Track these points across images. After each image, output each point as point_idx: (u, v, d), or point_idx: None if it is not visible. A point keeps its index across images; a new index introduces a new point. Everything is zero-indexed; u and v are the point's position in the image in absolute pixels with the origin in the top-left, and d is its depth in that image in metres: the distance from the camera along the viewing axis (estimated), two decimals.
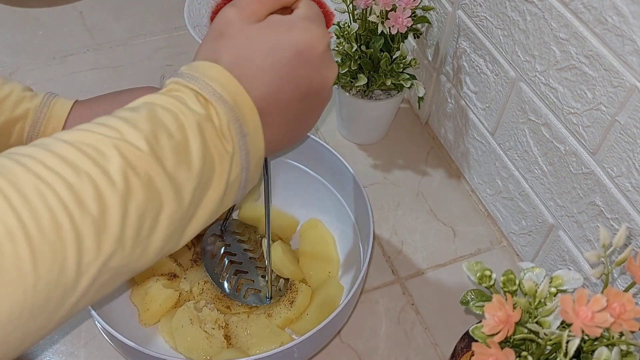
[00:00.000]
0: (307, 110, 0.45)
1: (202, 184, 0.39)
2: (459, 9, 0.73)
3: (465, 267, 0.49)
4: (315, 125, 0.88)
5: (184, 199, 0.38)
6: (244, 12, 0.43)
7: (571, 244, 0.66)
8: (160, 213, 0.36)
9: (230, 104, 0.40)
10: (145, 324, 0.66)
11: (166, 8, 1.04)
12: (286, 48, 0.42)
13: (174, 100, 0.39)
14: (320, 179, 0.73)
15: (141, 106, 0.39)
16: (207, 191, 0.39)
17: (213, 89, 0.40)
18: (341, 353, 0.68)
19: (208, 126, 0.39)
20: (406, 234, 0.78)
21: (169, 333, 0.65)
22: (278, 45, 0.42)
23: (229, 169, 0.40)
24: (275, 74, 0.42)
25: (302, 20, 0.43)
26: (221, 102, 0.40)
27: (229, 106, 0.40)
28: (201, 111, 0.39)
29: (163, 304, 0.66)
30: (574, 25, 0.56)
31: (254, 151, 0.42)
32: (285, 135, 0.45)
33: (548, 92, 0.62)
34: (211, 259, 0.70)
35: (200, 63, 0.42)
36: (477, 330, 0.46)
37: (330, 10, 1.03)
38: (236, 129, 0.40)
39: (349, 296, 0.58)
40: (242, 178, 0.42)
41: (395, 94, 0.81)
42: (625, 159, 0.55)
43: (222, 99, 0.40)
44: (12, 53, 0.96)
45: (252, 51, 0.42)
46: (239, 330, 0.66)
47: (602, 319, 0.39)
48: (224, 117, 0.39)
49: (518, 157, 0.71)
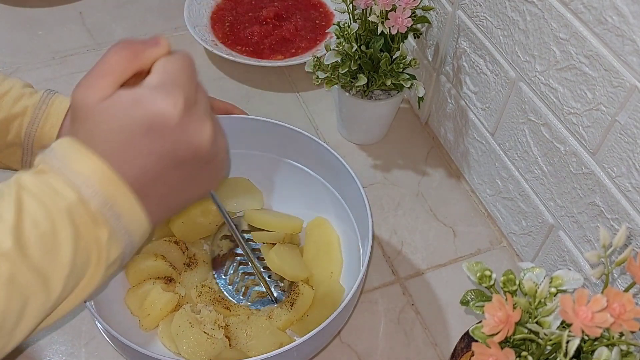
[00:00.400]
0: (192, 174, 0.44)
1: (77, 270, 0.39)
2: (459, 9, 0.73)
3: (465, 267, 0.49)
4: (315, 125, 0.89)
5: (54, 288, 0.38)
6: (90, 92, 0.41)
7: (571, 244, 0.66)
8: (26, 307, 0.37)
9: (97, 188, 0.39)
10: (146, 328, 0.66)
11: (166, 8, 1.04)
12: (134, 126, 0.40)
13: (42, 184, 0.39)
14: (320, 179, 0.73)
15: (7, 191, 0.38)
16: (85, 275, 0.40)
17: (80, 174, 0.39)
18: (341, 353, 0.68)
19: (80, 211, 0.39)
20: (406, 234, 0.78)
21: (169, 338, 0.65)
22: (126, 124, 0.40)
23: (107, 252, 0.40)
24: (133, 151, 0.40)
25: (150, 91, 0.40)
26: (88, 186, 0.39)
27: (96, 190, 0.39)
28: (71, 196, 0.38)
29: (164, 308, 0.66)
30: (574, 25, 0.56)
31: (135, 227, 0.41)
32: (176, 201, 0.45)
33: (548, 92, 0.62)
34: (220, 261, 0.71)
35: (65, 143, 0.41)
36: (477, 330, 0.46)
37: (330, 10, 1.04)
38: (108, 211, 0.40)
39: (349, 297, 0.57)
40: (126, 252, 0.42)
41: (395, 94, 0.81)
42: (626, 159, 0.55)
43: (90, 184, 0.39)
44: (12, 53, 0.96)
45: (105, 132, 0.40)
46: (239, 332, 0.66)
47: (602, 319, 0.39)
48: (94, 201, 0.39)
49: (518, 157, 0.71)
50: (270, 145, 0.72)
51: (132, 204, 0.41)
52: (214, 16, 0.99)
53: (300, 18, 0.98)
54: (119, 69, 0.41)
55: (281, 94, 0.93)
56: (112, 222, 0.40)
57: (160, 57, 0.43)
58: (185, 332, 0.64)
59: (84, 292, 0.41)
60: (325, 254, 0.71)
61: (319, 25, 0.98)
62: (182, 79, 0.42)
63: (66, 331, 0.68)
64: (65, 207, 0.38)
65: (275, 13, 0.98)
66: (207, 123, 0.42)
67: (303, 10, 1.00)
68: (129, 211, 0.41)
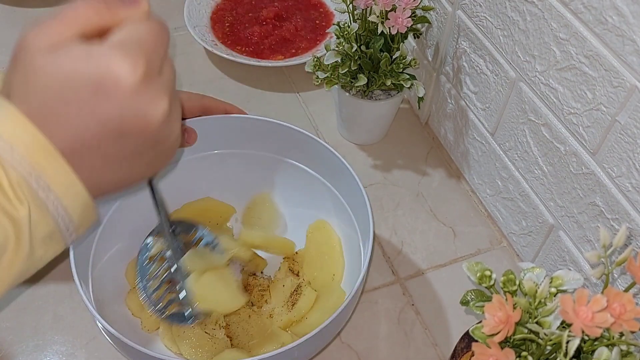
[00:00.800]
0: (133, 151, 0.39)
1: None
2: (459, 9, 0.73)
3: (465, 267, 0.49)
4: (315, 125, 0.89)
5: None
6: (42, 36, 0.36)
7: (571, 244, 0.66)
8: None
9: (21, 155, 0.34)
10: (148, 330, 0.66)
11: (166, 8, 1.04)
12: (80, 83, 0.35)
13: None
14: (320, 179, 0.73)
15: None
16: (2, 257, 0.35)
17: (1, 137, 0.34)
18: (341, 353, 0.68)
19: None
20: (406, 234, 0.78)
21: (171, 339, 0.65)
22: (71, 80, 0.35)
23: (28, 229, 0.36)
24: (72, 111, 0.35)
25: (109, 48, 0.35)
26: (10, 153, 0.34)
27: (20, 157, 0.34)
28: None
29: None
30: (574, 26, 0.56)
31: (71, 201, 0.37)
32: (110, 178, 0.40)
33: (548, 92, 0.62)
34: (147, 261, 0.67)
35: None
36: (477, 330, 0.46)
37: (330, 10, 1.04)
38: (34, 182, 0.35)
39: (349, 297, 0.57)
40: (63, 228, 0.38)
41: (395, 94, 0.81)
42: (626, 159, 0.55)
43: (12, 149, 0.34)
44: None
45: (44, 85, 0.35)
46: (240, 331, 0.66)
47: (602, 319, 0.39)
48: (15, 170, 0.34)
49: (518, 158, 0.71)
50: (270, 145, 0.72)
51: (65, 173, 0.36)
52: (214, 16, 0.99)
53: (300, 18, 0.98)
54: (83, 18, 0.37)
55: (281, 94, 0.93)
56: (40, 194, 0.35)
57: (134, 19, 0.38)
58: (186, 333, 0.64)
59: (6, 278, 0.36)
60: (327, 257, 0.71)
61: (319, 25, 0.98)
62: (150, 44, 0.37)
63: (66, 331, 0.68)
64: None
65: (275, 13, 0.98)
66: (165, 99, 0.38)
67: (303, 11, 1.00)
68: (61, 182, 0.36)
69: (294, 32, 0.96)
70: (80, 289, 0.56)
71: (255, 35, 0.95)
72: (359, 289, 0.59)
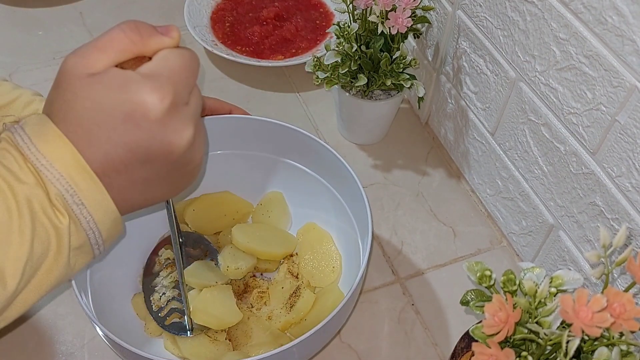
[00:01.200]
0: (159, 174, 0.41)
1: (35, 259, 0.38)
2: (459, 9, 0.73)
3: (465, 267, 0.49)
4: (315, 125, 0.89)
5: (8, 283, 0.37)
6: (82, 62, 0.39)
7: (571, 244, 0.66)
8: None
9: (60, 172, 0.37)
10: (151, 333, 0.66)
11: (166, 8, 1.04)
12: (112, 111, 0.38)
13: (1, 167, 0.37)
14: (320, 179, 0.73)
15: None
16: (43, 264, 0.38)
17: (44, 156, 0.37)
18: (341, 353, 0.68)
19: (39, 196, 0.37)
20: (406, 234, 0.78)
21: (173, 342, 0.65)
22: (104, 107, 0.38)
23: (69, 237, 0.38)
24: (104, 135, 0.38)
25: (141, 79, 0.38)
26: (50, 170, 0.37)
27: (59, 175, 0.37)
28: (30, 180, 0.37)
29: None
30: (574, 26, 0.56)
31: (102, 216, 0.40)
32: (134, 198, 0.42)
33: (548, 92, 0.62)
34: (152, 268, 0.69)
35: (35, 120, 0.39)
36: (477, 330, 0.46)
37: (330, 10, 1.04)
38: (70, 197, 0.38)
39: (349, 296, 0.57)
40: (93, 242, 0.40)
41: (395, 94, 0.81)
42: (625, 159, 0.55)
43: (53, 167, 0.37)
44: (12, 53, 0.96)
45: (82, 108, 0.38)
46: (239, 333, 0.66)
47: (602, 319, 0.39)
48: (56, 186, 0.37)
49: (518, 157, 0.71)
50: (270, 145, 0.72)
51: (98, 191, 0.39)
52: (214, 16, 0.99)
53: (301, 18, 0.98)
54: (119, 48, 0.39)
55: (281, 94, 0.93)
56: (74, 209, 0.38)
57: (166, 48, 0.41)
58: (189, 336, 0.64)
59: (46, 283, 0.39)
60: (322, 252, 0.71)
61: (319, 25, 0.98)
62: (179, 76, 0.40)
63: (66, 331, 0.68)
64: (24, 194, 0.37)
65: (276, 13, 0.98)
66: (190, 128, 0.40)
67: (303, 11, 1.00)
68: (94, 199, 0.39)
69: (294, 32, 0.96)
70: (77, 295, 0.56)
71: (255, 35, 0.95)
72: (358, 287, 0.59)
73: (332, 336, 0.67)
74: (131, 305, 0.68)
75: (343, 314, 0.61)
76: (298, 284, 0.69)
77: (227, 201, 0.75)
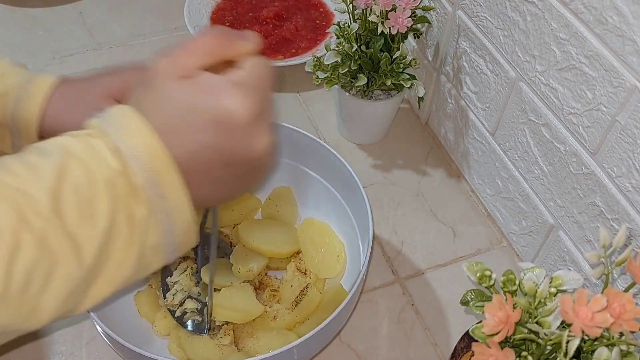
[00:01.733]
0: (236, 175, 0.43)
1: (110, 243, 0.38)
2: (459, 9, 0.73)
3: (465, 267, 0.49)
4: (315, 125, 0.89)
5: (85, 258, 0.37)
6: (173, 65, 0.40)
7: (571, 245, 0.66)
8: (55, 271, 0.36)
9: (146, 163, 0.38)
10: (159, 332, 0.66)
11: (166, 8, 1.04)
12: (203, 113, 0.39)
13: (88, 149, 0.38)
14: (320, 179, 0.73)
15: (53, 151, 0.37)
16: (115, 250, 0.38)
17: (131, 144, 0.38)
18: (341, 353, 0.68)
19: (121, 184, 0.38)
20: (406, 234, 0.78)
21: (179, 345, 0.65)
22: (195, 109, 0.39)
23: (143, 231, 0.39)
24: (192, 136, 0.39)
25: (231, 86, 0.40)
26: (137, 159, 0.38)
27: (145, 165, 0.38)
28: (116, 166, 0.38)
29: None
30: (574, 26, 0.56)
31: (178, 214, 0.40)
32: (211, 196, 0.44)
33: (548, 92, 0.62)
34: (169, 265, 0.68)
35: (124, 111, 0.40)
36: (477, 330, 0.46)
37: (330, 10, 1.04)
38: (152, 189, 0.38)
39: (349, 296, 0.57)
40: (166, 241, 0.40)
41: (395, 94, 0.81)
42: (626, 159, 0.55)
43: (139, 157, 0.38)
44: (12, 53, 0.96)
45: (171, 109, 0.39)
46: (245, 334, 0.66)
47: (602, 319, 0.39)
48: (140, 176, 0.38)
49: (518, 158, 0.71)
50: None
51: (179, 188, 0.40)
52: (214, 16, 0.99)
53: (301, 18, 0.98)
54: (208, 52, 0.41)
55: (281, 94, 0.93)
56: (155, 202, 0.39)
57: (248, 53, 0.43)
58: (195, 339, 0.64)
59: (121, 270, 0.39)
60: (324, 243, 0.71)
61: (319, 25, 0.98)
62: (264, 87, 0.42)
63: (66, 331, 0.68)
64: (108, 177, 0.37)
65: (276, 13, 0.98)
66: (269, 134, 0.43)
67: (303, 11, 1.00)
68: (175, 195, 0.39)
69: (294, 32, 0.96)
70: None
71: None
72: (358, 288, 0.59)
73: (332, 337, 0.67)
74: (134, 303, 0.68)
75: (343, 315, 0.61)
76: (306, 281, 0.69)
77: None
